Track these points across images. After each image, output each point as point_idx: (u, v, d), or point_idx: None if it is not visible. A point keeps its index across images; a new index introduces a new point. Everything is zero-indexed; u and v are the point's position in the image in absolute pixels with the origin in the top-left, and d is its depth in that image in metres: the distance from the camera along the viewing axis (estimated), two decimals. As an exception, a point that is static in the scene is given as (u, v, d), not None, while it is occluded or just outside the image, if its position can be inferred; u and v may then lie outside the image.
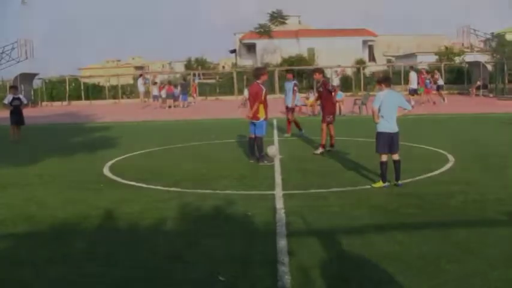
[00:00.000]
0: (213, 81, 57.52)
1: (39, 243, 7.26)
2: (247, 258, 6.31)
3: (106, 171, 12.54)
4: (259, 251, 6.54)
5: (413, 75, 33.74)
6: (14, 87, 23.08)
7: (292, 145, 16.49)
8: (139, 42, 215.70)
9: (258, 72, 13.86)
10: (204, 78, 58.43)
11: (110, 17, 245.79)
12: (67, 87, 53.84)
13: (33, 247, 7.08)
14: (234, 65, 65.62)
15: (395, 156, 9.99)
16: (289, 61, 55.61)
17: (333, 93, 15.01)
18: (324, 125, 14.58)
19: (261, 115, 13.16)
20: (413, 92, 32.62)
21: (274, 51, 65.41)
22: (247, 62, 68.73)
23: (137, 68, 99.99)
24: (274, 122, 21.86)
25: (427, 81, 35.26)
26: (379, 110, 10.03)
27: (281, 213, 8.20)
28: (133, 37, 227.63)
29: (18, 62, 50.98)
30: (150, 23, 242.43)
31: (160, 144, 17.09)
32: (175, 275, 5.87)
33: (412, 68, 38.37)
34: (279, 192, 9.75)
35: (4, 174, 12.78)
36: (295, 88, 19.25)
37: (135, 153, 15.54)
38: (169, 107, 38.57)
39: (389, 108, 10.01)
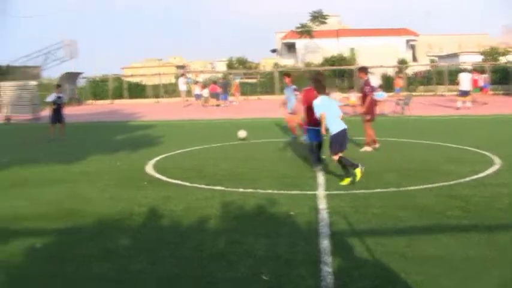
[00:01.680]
0: (254, 80, 57.52)
1: (83, 239, 7.36)
2: (290, 257, 6.29)
3: (149, 169, 12.66)
4: (302, 251, 6.51)
5: (464, 77, 32.72)
6: (58, 86, 23.47)
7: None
8: (181, 41, 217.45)
9: (318, 77, 12.00)
10: (245, 78, 58.50)
11: (152, 17, 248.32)
12: (110, 86, 54.56)
13: (77, 243, 7.19)
14: (275, 64, 65.48)
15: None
16: (330, 61, 55.24)
17: (368, 94, 14.87)
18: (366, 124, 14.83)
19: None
20: (465, 94, 31.78)
21: (315, 50, 65.18)
22: (288, 61, 68.64)
23: (178, 67, 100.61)
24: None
25: (481, 81, 34.54)
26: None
27: (324, 214, 8.16)
28: (175, 36, 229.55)
29: (63, 61, 52.00)
30: (192, 22, 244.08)
31: (202, 143, 17.18)
32: (219, 273, 5.88)
33: (464, 69, 37.49)
34: (321, 192, 9.70)
35: (50, 171, 13.02)
36: (296, 93, 18.67)
37: (177, 151, 15.65)
38: (217, 105, 38.74)
39: (333, 109, 10.95)
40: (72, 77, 50.72)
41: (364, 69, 15.65)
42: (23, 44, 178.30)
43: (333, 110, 10.91)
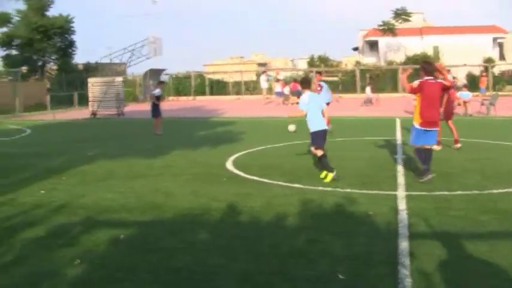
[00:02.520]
0: (335, 78, 57.17)
1: (165, 231, 7.56)
2: (368, 257, 6.25)
3: (229, 165, 12.85)
4: (380, 251, 6.45)
5: None
6: (162, 83, 24.98)
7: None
8: (263, 39, 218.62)
9: (430, 67, 10.92)
10: (326, 76, 58.23)
11: (234, 14, 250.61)
12: (192, 82, 55.52)
13: (159, 235, 7.39)
14: (357, 62, 64.81)
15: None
16: (412, 59, 54.14)
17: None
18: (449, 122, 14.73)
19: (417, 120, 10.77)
20: None
21: (398, 49, 64.05)
22: (370, 59, 67.81)
23: (260, 64, 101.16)
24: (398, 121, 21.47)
25: None
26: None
27: (403, 215, 8.04)
28: (257, 34, 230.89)
29: (148, 58, 53.37)
30: (274, 20, 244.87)
31: (282, 140, 17.23)
32: (295, 270, 5.91)
33: None
34: (401, 192, 9.56)
35: (134, 165, 13.43)
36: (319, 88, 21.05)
37: (257, 148, 15.79)
38: (297, 103, 38.70)
39: (316, 108, 11.13)
40: (155, 73, 51.90)
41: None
42: (111, 42, 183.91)
43: (316, 108, 11.14)
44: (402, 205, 8.61)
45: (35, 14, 50.57)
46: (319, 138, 11.13)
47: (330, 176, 10.69)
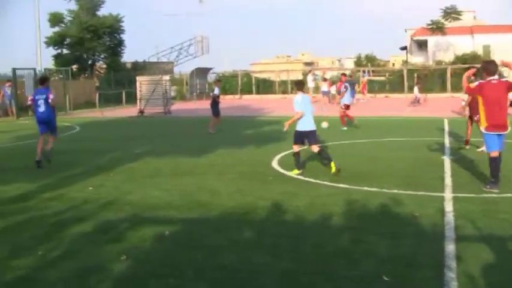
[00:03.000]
0: (382, 78, 56.61)
1: (210, 229, 7.63)
2: (413, 259, 6.18)
3: (274, 164, 12.88)
4: (426, 254, 6.37)
5: None
6: (219, 81, 25.54)
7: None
8: (310, 38, 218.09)
9: (492, 67, 10.08)
10: (373, 75, 57.72)
11: (279, 13, 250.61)
12: (239, 81, 55.72)
13: (204, 233, 7.46)
14: (405, 62, 64.05)
15: (315, 148, 11.83)
16: (462, 58, 53.20)
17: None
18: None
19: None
20: None
21: (447, 48, 62.98)
22: (418, 59, 66.88)
23: (306, 64, 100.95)
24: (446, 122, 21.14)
25: None
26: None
27: (450, 216, 7.93)
28: (304, 33, 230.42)
29: (195, 57, 53.80)
30: (321, 19, 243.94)
31: (326, 140, 17.17)
32: (339, 271, 5.90)
33: None
34: (448, 194, 9.42)
35: (180, 163, 13.58)
36: (344, 89, 21.80)
37: (302, 147, 15.73)
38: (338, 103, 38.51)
39: (308, 109, 11.74)
40: (202, 72, 52.25)
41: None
42: (159, 41, 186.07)
43: (309, 109, 11.76)
44: (449, 207, 8.49)
45: (86, 14, 51.57)
46: (300, 137, 11.79)
47: (295, 171, 11.61)
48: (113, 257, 6.47)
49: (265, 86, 55.99)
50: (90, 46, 50.76)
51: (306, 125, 11.65)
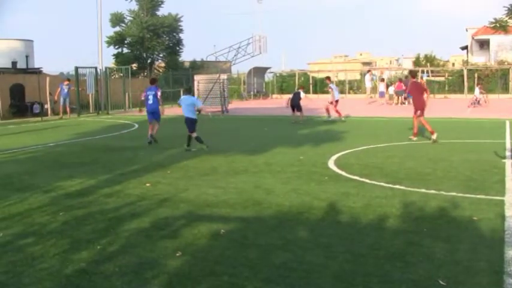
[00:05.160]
0: (442, 78, 55.62)
1: (265, 228, 7.64)
2: (471, 264, 6.04)
3: (331, 164, 12.81)
4: (484, 259, 6.21)
5: None
6: (303, 87, 29.21)
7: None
8: (368, 38, 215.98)
9: None
10: (432, 76, 56.76)
11: (338, 13, 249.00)
12: (296, 80, 55.69)
13: (259, 231, 7.48)
14: (465, 62, 62.71)
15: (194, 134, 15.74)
16: (526, 59, 51.85)
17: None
18: None
19: None
20: None
21: (511, 48, 61.39)
22: (479, 59, 65.37)
23: (364, 63, 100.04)
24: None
25: None
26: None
27: (510, 221, 7.70)
28: (362, 33, 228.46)
29: (253, 56, 54.01)
30: (380, 18, 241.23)
31: (385, 141, 16.99)
32: (394, 273, 5.81)
33: None
34: (509, 198, 9.15)
35: (236, 161, 13.66)
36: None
37: (359, 148, 15.63)
38: (402, 103, 38.05)
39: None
40: (260, 71, 52.43)
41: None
42: (217, 40, 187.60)
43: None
44: (510, 211, 8.24)
45: (146, 14, 52.47)
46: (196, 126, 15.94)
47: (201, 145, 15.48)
48: (168, 253, 6.56)
49: (322, 86, 55.78)
50: (149, 45, 51.69)
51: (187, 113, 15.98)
